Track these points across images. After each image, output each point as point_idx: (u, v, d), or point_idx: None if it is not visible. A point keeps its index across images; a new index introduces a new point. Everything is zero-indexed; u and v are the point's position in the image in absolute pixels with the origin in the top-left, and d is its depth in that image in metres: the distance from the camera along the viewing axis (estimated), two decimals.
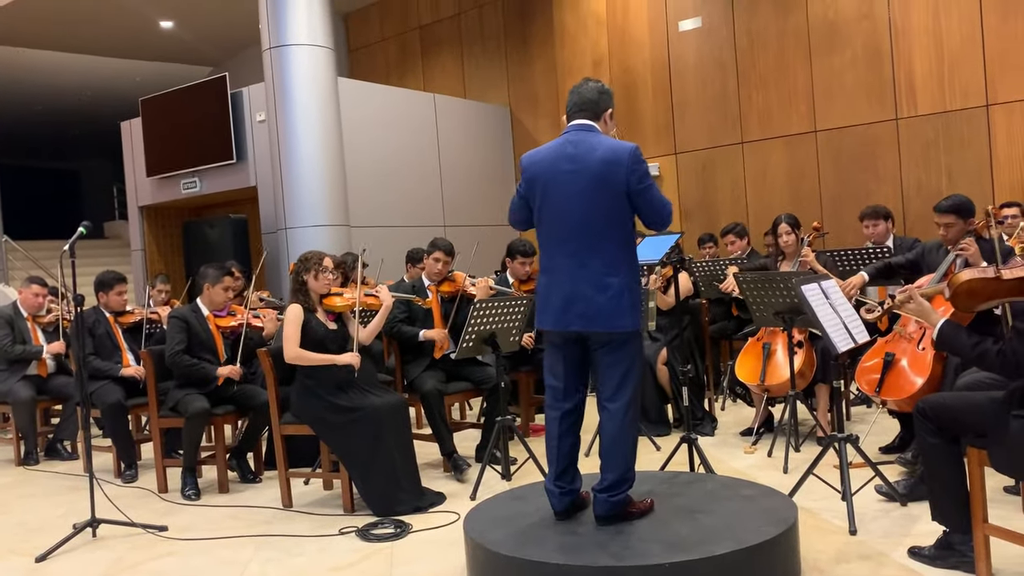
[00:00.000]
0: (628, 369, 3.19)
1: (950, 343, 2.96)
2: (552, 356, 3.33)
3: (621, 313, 3.11)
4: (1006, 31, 7.20)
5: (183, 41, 12.21)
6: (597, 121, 3.25)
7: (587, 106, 3.25)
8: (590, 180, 3.11)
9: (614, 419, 3.20)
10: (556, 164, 3.19)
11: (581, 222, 3.14)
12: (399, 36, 11.67)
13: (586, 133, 3.21)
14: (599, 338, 3.18)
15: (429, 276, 5.34)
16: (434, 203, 9.62)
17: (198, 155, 9.11)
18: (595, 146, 3.15)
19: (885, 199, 7.37)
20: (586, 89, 3.28)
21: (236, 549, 3.91)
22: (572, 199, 3.15)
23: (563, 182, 3.16)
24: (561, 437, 3.29)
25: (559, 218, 3.19)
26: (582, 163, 3.13)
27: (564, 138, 3.23)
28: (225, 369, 4.94)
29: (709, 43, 8.90)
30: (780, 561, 3.04)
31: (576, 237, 3.15)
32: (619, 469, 3.20)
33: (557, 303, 3.18)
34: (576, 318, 3.15)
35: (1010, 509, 3.60)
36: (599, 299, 3.10)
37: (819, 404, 5.14)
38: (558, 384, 3.30)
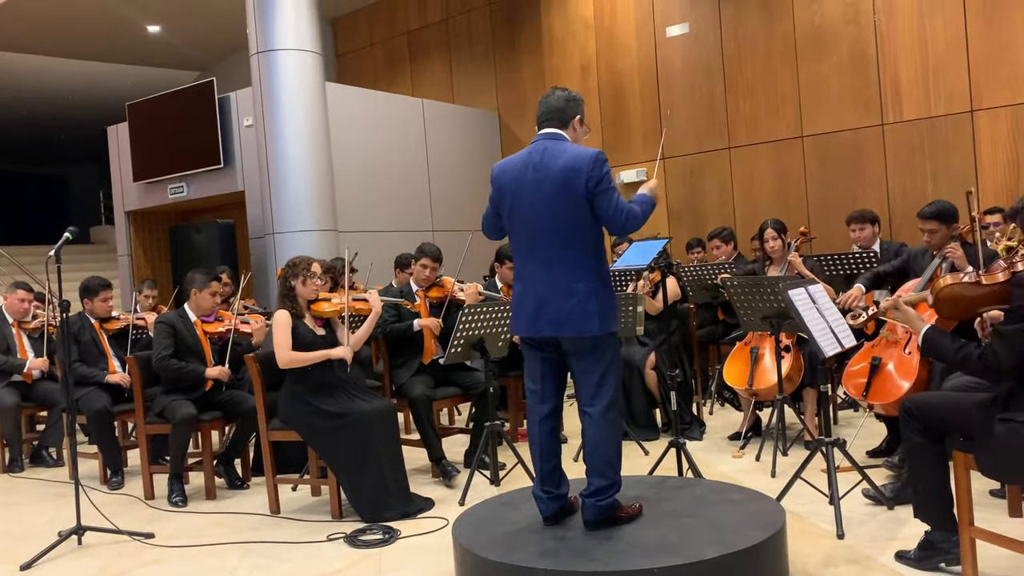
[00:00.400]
0: (604, 373, 3.21)
1: (935, 349, 2.98)
2: (530, 360, 3.36)
3: (588, 317, 3.13)
4: (990, 37, 7.26)
5: (170, 45, 12.17)
6: (565, 129, 3.28)
7: (554, 114, 3.27)
8: (553, 187, 3.15)
9: (595, 423, 3.22)
10: (523, 173, 3.23)
11: (547, 229, 3.18)
12: (387, 41, 11.66)
13: (552, 141, 3.24)
14: (570, 343, 3.21)
15: (417, 282, 5.34)
16: (422, 208, 9.62)
17: (185, 160, 9.07)
18: (559, 154, 3.18)
19: (871, 204, 7.41)
20: (553, 98, 3.30)
21: (223, 556, 3.89)
22: (538, 207, 3.18)
23: (529, 190, 3.20)
24: (543, 441, 3.32)
25: (527, 226, 3.24)
26: (546, 171, 3.17)
27: (531, 147, 3.27)
28: (214, 370, 4.92)
29: (696, 49, 8.93)
30: (768, 565, 3.05)
31: (543, 244, 3.19)
32: (604, 473, 3.21)
33: (529, 309, 3.23)
34: (546, 324, 3.19)
35: (996, 512, 3.62)
36: (566, 305, 3.14)
37: (806, 408, 5.16)
38: (536, 388, 3.34)
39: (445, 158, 9.90)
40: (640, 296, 5.30)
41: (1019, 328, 2.68)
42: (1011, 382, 2.77)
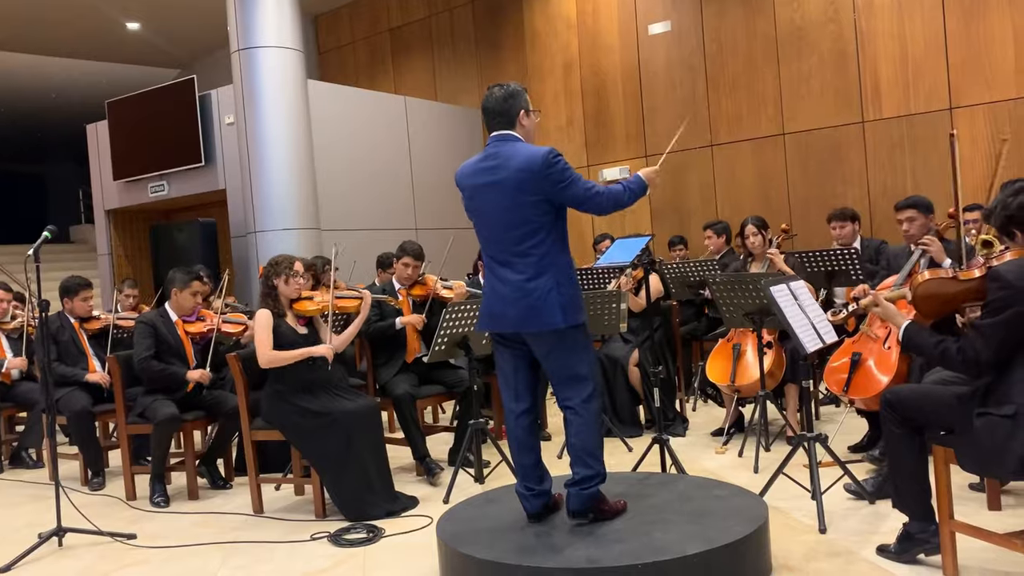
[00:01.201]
0: (576, 365, 3.22)
1: (915, 344, 3.01)
2: (501, 359, 3.38)
3: (551, 311, 3.14)
4: (968, 36, 7.33)
5: (150, 43, 12.08)
6: (514, 127, 3.29)
7: (498, 116, 3.29)
8: (507, 191, 3.18)
9: (576, 414, 3.24)
10: (477, 178, 3.28)
11: (505, 231, 3.21)
12: (369, 38, 11.63)
13: (503, 144, 3.25)
14: (536, 340, 3.23)
15: (399, 280, 5.33)
16: (405, 206, 9.59)
17: (166, 158, 9.00)
18: (511, 156, 3.20)
19: (852, 201, 7.47)
20: (492, 101, 3.31)
21: (206, 556, 3.87)
22: (495, 210, 3.22)
23: (484, 194, 3.25)
24: (520, 437, 3.34)
25: (487, 228, 3.29)
26: (500, 174, 3.20)
27: (485, 151, 3.31)
28: (195, 373, 4.89)
29: (679, 47, 8.97)
30: (751, 560, 3.07)
31: (502, 244, 3.23)
32: (587, 463, 3.23)
33: (494, 307, 3.26)
34: (509, 321, 3.22)
35: (975, 506, 3.66)
36: (527, 301, 3.16)
37: (788, 404, 5.20)
38: (510, 385, 3.37)
39: (428, 156, 9.88)
40: (623, 293, 5.31)
41: (994, 322, 2.71)
42: (989, 376, 2.80)
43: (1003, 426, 2.69)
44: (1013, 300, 2.66)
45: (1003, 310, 2.68)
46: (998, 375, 2.77)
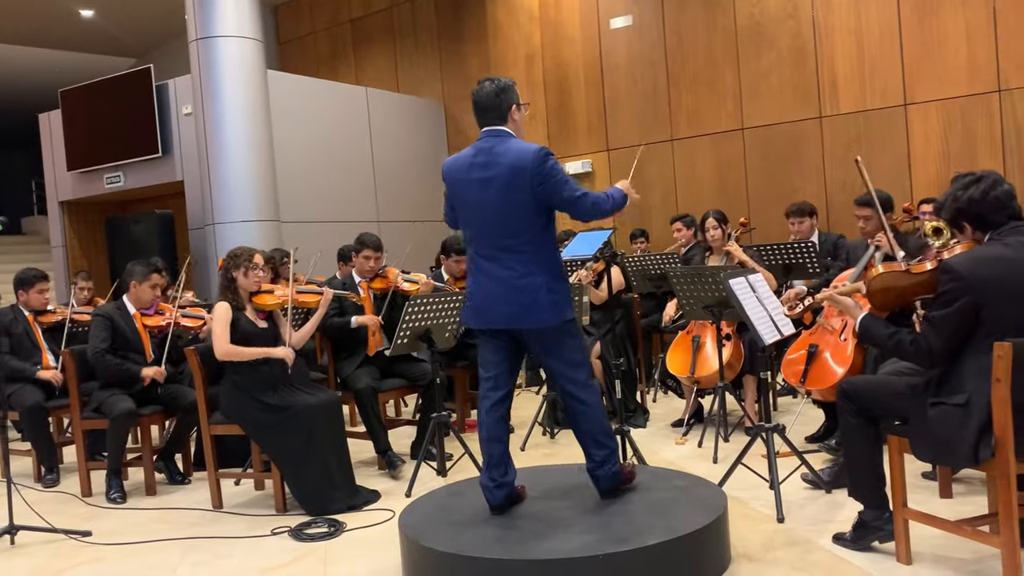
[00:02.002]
0: (572, 352, 3.30)
1: (871, 335, 3.06)
2: (485, 348, 3.40)
3: (543, 309, 3.19)
4: (922, 34, 7.47)
5: (105, 31, 11.83)
6: (505, 122, 3.29)
7: (489, 111, 3.28)
8: (500, 186, 3.19)
9: (582, 401, 3.32)
10: (469, 173, 3.27)
11: (497, 226, 3.22)
12: (330, 29, 11.51)
13: (495, 140, 3.26)
14: (531, 336, 3.28)
15: (360, 273, 5.29)
16: (367, 198, 9.53)
17: (122, 149, 8.85)
18: (504, 152, 3.21)
19: (809, 195, 7.58)
20: (484, 95, 3.28)
21: (164, 552, 3.82)
22: (486, 206, 3.22)
23: (476, 190, 3.24)
24: (491, 426, 3.37)
25: (476, 224, 3.29)
26: (492, 170, 3.20)
27: (476, 146, 3.30)
28: (150, 371, 4.81)
29: (640, 41, 9.01)
30: (710, 550, 3.11)
31: (493, 240, 3.23)
32: (603, 443, 3.33)
33: (481, 303, 3.28)
34: (501, 317, 3.25)
35: (927, 494, 3.75)
36: (519, 298, 3.19)
37: (747, 395, 5.26)
38: (491, 375, 3.38)
39: (390, 147, 9.83)
40: (585, 286, 5.34)
41: (946, 313, 2.77)
42: (941, 367, 2.87)
43: (955, 415, 2.75)
44: (963, 291, 2.72)
45: (954, 301, 2.74)
46: (950, 365, 2.83)
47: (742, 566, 3.18)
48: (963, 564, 3.04)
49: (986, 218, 2.85)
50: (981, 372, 2.68)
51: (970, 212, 2.87)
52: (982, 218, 2.86)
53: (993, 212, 2.84)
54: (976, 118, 7.25)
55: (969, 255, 2.80)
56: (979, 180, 2.87)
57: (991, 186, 2.84)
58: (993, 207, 2.83)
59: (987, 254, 2.78)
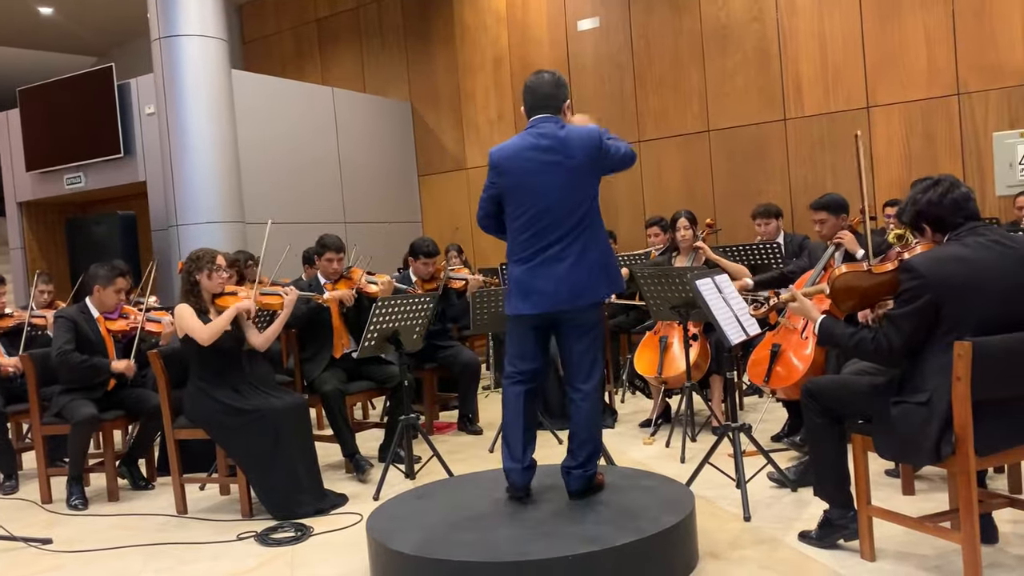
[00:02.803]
0: (598, 349, 3.41)
1: (830, 336, 3.11)
2: (524, 340, 3.43)
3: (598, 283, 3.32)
4: (883, 37, 7.59)
5: (65, 29, 11.62)
6: (559, 113, 3.39)
7: (548, 101, 3.38)
8: (573, 169, 3.28)
9: (589, 398, 3.38)
10: (533, 155, 3.31)
11: (568, 210, 3.28)
12: (295, 28, 11.42)
13: (554, 124, 3.34)
14: (579, 316, 3.33)
15: (324, 275, 5.24)
16: (334, 199, 9.46)
17: (82, 149, 8.70)
18: (568, 136, 3.30)
19: (774, 196, 7.66)
20: (544, 85, 3.40)
21: (127, 559, 3.75)
22: (557, 189, 3.28)
23: (542, 173, 3.29)
24: (527, 414, 3.44)
25: (543, 208, 3.30)
26: (561, 154, 3.28)
27: (533, 131, 3.36)
28: (120, 364, 4.73)
29: (607, 43, 9.05)
30: (679, 549, 3.12)
31: (562, 224, 3.29)
32: (592, 444, 3.40)
33: (543, 287, 3.30)
34: (562, 297, 3.29)
35: (890, 491, 3.80)
36: (584, 277, 3.28)
37: (713, 395, 5.30)
38: (528, 366, 3.44)
39: (357, 148, 9.77)
40: None
41: (906, 312, 2.81)
42: (901, 365, 2.91)
43: (918, 413, 2.80)
44: (923, 290, 2.76)
45: (914, 300, 2.78)
46: (912, 364, 2.87)
47: (709, 565, 3.21)
48: (925, 560, 3.09)
49: (944, 220, 2.91)
50: (942, 371, 2.73)
51: (929, 214, 2.93)
52: (940, 220, 2.91)
53: (951, 214, 2.89)
54: (936, 121, 7.38)
55: (929, 255, 2.85)
56: (937, 184, 2.93)
57: (948, 189, 2.90)
58: (951, 209, 2.89)
59: (946, 254, 2.83)
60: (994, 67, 7.11)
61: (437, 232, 9.20)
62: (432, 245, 5.99)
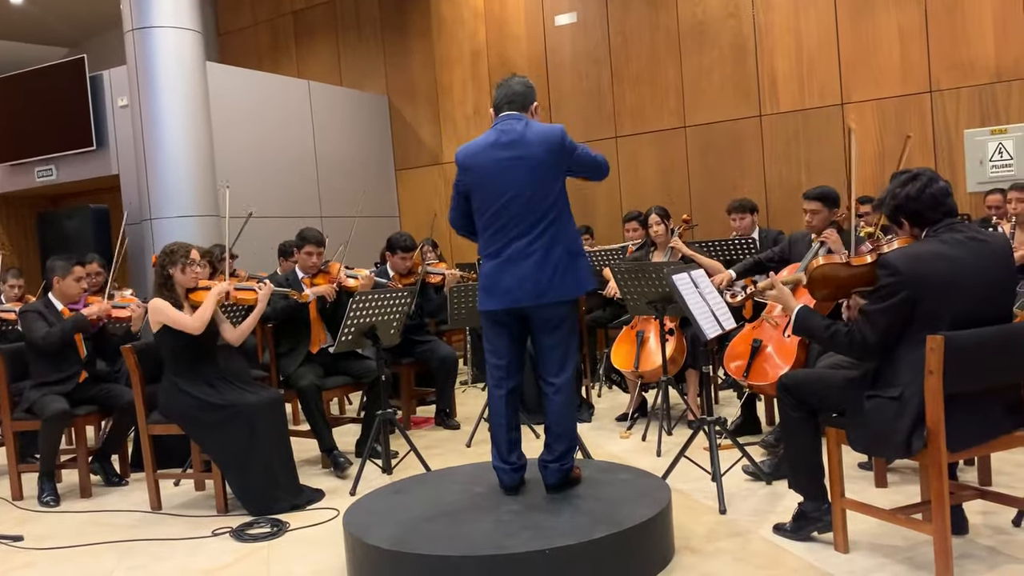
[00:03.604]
0: (569, 344, 3.41)
1: (806, 326, 3.13)
2: (496, 336, 3.45)
3: (566, 281, 3.33)
4: (858, 34, 7.65)
5: (35, 19, 11.44)
6: (525, 112, 3.44)
7: (516, 99, 3.45)
8: (531, 164, 3.31)
9: (562, 393, 3.40)
10: (494, 152, 3.36)
11: (527, 206, 3.31)
12: (272, 21, 11.32)
13: (517, 121, 3.38)
14: (546, 312, 3.34)
15: (303, 269, 5.21)
16: (310, 193, 9.40)
17: (53, 141, 8.58)
18: (528, 133, 3.34)
19: (749, 192, 7.70)
20: (514, 83, 3.48)
21: (100, 557, 3.72)
22: (516, 187, 3.31)
23: (504, 170, 3.33)
24: (508, 414, 3.45)
25: (504, 205, 3.33)
26: (520, 150, 3.32)
27: (497, 128, 3.40)
28: (93, 308, 4.66)
29: (584, 38, 9.05)
30: (655, 542, 3.14)
31: (523, 220, 3.32)
32: (568, 438, 3.42)
33: (508, 284, 3.33)
34: (527, 294, 3.31)
35: (864, 484, 3.85)
36: (548, 274, 3.29)
37: (689, 389, 5.34)
38: (503, 363, 3.46)
39: (333, 142, 9.71)
40: None
41: (882, 308, 2.83)
42: (875, 359, 2.94)
43: (890, 407, 2.83)
44: (900, 286, 2.79)
45: (891, 296, 2.81)
46: (885, 359, 2.90)
47: (685, 557, 3.23)
48: (897, 551, 3.13)
49: (922, 215, 2.92)
50: (915, 366, 2.75)
51: (907, 209, 2.94)
52: (919, 215, 2.93)
53: (929, 209, 2.91)
54: (909, 118, 7.45)
55: (907, 251, 2.87)
56: (916, 178, 2.94)
57: (927, 183, 2.91)
58: (929, 204, 2.91)
59: (924, 251, 2.85)
60: (966, 65, 7.19)
61: (414, 226, 9.17)
62: (410, 239, 5.97)
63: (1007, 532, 3.23)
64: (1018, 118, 7.01)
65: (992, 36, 7.08)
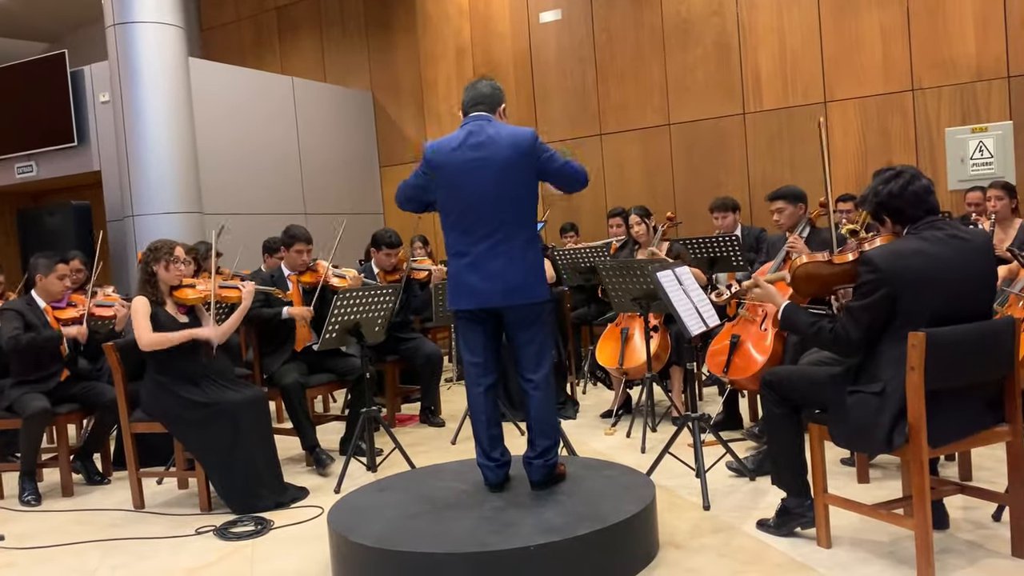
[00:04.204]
0: (543, 341, 3.42)
1: (792, 323, 3.15)
2: (469, 334, 3.45)
3: (535, 284, 3.35)
4: (840, 33, 7.70)
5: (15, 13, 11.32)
6: (493, 114, 3.43)
7: (483, 100, 3.44)
8: (498, 167, 3.29)
9: (539, 389, 3.40)
10: (462, 153, 3.34)
11: (492, 207, 3.30)
12: (255, 16, 11.26)
13: (486, 122, 3.38)
14: (517, 313, 3.35)
15: (291, 267, 5.18)
16: (294, 190, 9.36)
17: (34, 137, 8.51)
18: (497, 134, 3.33)
19: (733, 189, 7.74)
20: (482, 85, 3.47)
21: (82, 556, 3.69)
22: (482, 187, 3.30)
23: (471, 170, 3.32)
24: (489, 411, 3.46)
25: (470, 205, 3.33)
26: (488, 151, 3.31)
27: (466, 128, 3.39)
28: (72, 329, 4.63)
29: (569, 36, 9.06)
30: (640, 538, 3.16)
31: (489, 219, 3.31)
32: (549, 434, 3.41)
33: (475, 283, 3.33)
34: (495, 295, 3.31)
35: (846, 480, 3.88)
36: (514, 275, 3.30)
37: (673, 385, 5.36)
38: (479, 360, 3.46)
39: (317, 138, 9.67)
40: None
41: (864, 304, 2.86)
42: (858, 355, 2.96)
43: (872, 403, 2.85)
44: (881, 283, 2.81)
45: (872, 293, 2.83)
46: (868, 355, 2.92)
47: (670, 553, 3.24)
48: (879, 546, 3.15)
49: (904, 212, 2.94)
50: (897, 362, 2.77)
51: (890, 206, 2.95)
52: (900, 212, 2.94)
53: (911, 206, 2.92)
54: (891, 116, 7.51)
55: (888, 248, 2.89)
56: (899, 175, 2.95)
57: (910, 181, 2.92)
58: (912, 201, 2.92)
59: (905, 248, 2.87)
60: (947, 64, 7.25)
61: (399, 223, 9.14)
62: (394, 236, 5.95)
63: (987, 526, 3.26)
64: (998, 116, 7.08)
65: (973, 35, 7.14)
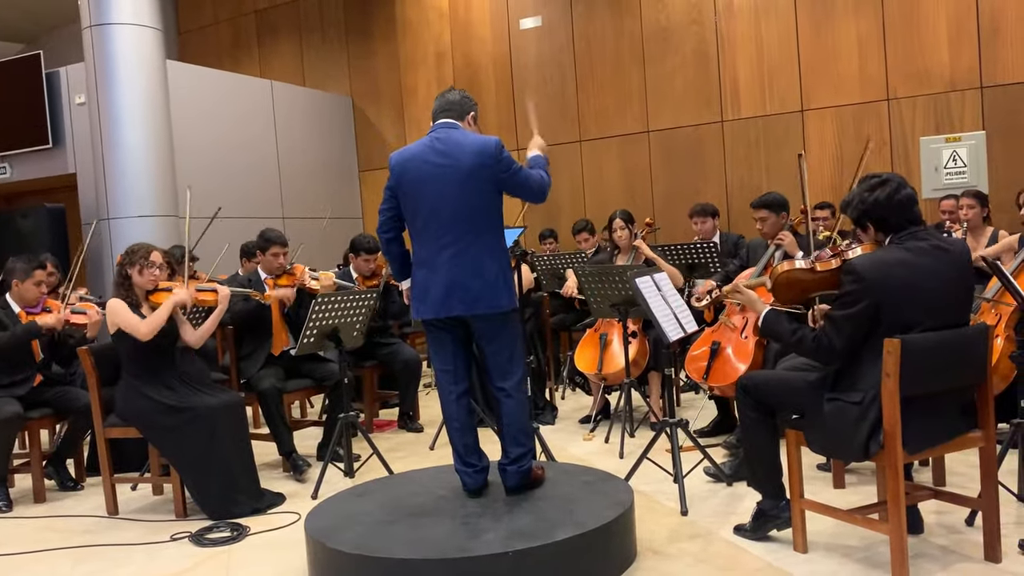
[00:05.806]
0: (513, 347, 3.40)
1: (773, 329, 3.16)
2: (438, 342, 3.44)
3: (499, 294, 3.31)
4: (817, 43, 7.78)
5: None
6: (461, 121, 3.43)
7: (451, 107, 3.45)
8: (461, 173, 3.27)
9: (511, 396, 3.40)
10: (426, 160, 3.33)
11: (455, 213, 3.29)
12: (233, 20, 11.19)
13: (451, 130, 3.38)
14: (482, 323, 3.34)
15: (269, 270, 5.15)
16: (272, 194, 9.30)
17: (7, 138, 8.39)
18: (462, 142, 3.32)
19: (711, 196, 7.78)
20: (450, 94, 3.49)
21: (54, 563, 3.64)
22: (445, 194, 3.29)
23: (434, 177, 3.30)
24: (462, 418, 3.45)
25: (433, 212, 3.32)
26: (452, 158, 3.29)
27: (431, 136, 3.39)
28: (49, 318, 4.57)
29: (549, 43, 9.08)
30: (617, 543, 3.16)
31: (452, 228, 3.30)
32: (522, 441, 3.41)
33: (438, 293, 3.31)
34: (457, 303, 3.29)
35: (822, 485, 3.90)
36: (477, 284, 3.27)
37: (652, 391, 5.37)
38: (448, 368, 3.44)
39: (296, 142, 9.62)
40: None
41: (847, 314, 2.87)
42: (841, 364, 2.98)
43: (851, 412, 2.87)
44: (864, 293, 2.82)
45: (856, 303, 2.84)
46: (848, 363, 2.93)
47: (648, 559, 3.25)
48: (854, 550, 3.18)
49: (888, 221, 2.94)
50: (878, 372, 2.78)
51: (874, 214, 2.96)
52: (885, 221, 2.95)
53: (896, 215, 2.93)
54: (867, 125, 7.59)
55: (872, 258, 2.90)
56: (885, 183, 2.95)
57: (896, 190, 2.92)
58: (897, 210, 2.92)
59: (889, 258, 2.88)
60: (921, 74, 7.34)
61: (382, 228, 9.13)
62: (373, 242, 5.93)
63: (960, 531, 3.30)
64: (971, 126, 7.18)
65: (947, 46, 7.24)
